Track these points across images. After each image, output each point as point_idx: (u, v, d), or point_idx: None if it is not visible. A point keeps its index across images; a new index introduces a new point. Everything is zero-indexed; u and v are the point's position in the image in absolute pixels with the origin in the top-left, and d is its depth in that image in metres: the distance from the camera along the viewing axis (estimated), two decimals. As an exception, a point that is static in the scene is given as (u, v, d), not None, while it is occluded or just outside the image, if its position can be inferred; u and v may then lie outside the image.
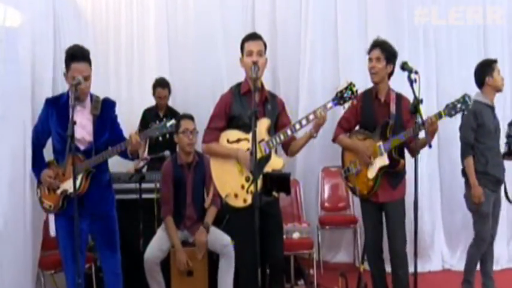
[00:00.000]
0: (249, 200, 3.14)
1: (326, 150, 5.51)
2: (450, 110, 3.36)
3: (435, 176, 5.30)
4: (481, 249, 4.07)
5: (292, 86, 5.65)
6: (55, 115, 3.31)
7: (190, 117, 4.26)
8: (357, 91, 3.20)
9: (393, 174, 3.66)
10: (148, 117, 5.09)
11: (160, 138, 4.63)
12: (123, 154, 3.38)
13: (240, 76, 3.47)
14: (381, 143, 3.62)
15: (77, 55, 3.23)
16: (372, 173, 3.65)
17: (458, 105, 3.35)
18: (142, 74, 5.63)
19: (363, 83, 3.80)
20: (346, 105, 3.24)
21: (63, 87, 4.31)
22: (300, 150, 3.46)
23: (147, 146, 5.18)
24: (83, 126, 3.31)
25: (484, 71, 4.06)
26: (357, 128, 3.88)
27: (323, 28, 5.58)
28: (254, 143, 2.82)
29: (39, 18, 4.08)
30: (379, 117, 3.71)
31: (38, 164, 3.43)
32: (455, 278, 4.46)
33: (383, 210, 3.75)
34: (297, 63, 5.64)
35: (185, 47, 5.67)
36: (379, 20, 5.38)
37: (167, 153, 4.24)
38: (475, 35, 5.48)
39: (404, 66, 3.33)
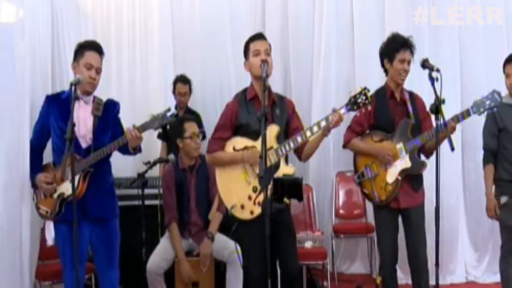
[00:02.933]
0: (256, 212, 3.12)
1: (341, 153, 5.45)
2: (479, 107, 3.33)
3: (458, 178, 5.22)
4: (510, 262, 3.82)
5: (305, 87, 5.62)
6: (56, 110, 3.32)
7: (193, 120, 4.28)
8: (371, 96, 3.15)
9: (414, 176, 3.63)
10: None
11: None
12: (124, 149, 3.37)
13: (248, 77, 3.42)
14: (401, 144, 3.60)
15: (93, 44, 3.37)
16: (391, 177, 3.61)
17: (487, 102, 3.33)
18: (145, 75, 5.63)
19: (382, 83, 3.75)
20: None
21: (61, 86, 4.34)
22: (314, 153, 3.38)
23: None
24: (86, 123, 3.31)
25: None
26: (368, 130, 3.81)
27: (338, 24, 5.53)
28: (264, 145, 2.75)
29: (36, 14, 4.08)
30: (397, 117, 3.67)
31: (35, 167, 3.41)
32: (481, 292, 4.38)
33: (403, 216, 3.68)
34: (310, 62, 5.61)
35: (191, 47, 5.66)
36: (398, 14, 5.32)
37: (172, 156, 4.21)
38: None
39: (425, 64, 3.28)
